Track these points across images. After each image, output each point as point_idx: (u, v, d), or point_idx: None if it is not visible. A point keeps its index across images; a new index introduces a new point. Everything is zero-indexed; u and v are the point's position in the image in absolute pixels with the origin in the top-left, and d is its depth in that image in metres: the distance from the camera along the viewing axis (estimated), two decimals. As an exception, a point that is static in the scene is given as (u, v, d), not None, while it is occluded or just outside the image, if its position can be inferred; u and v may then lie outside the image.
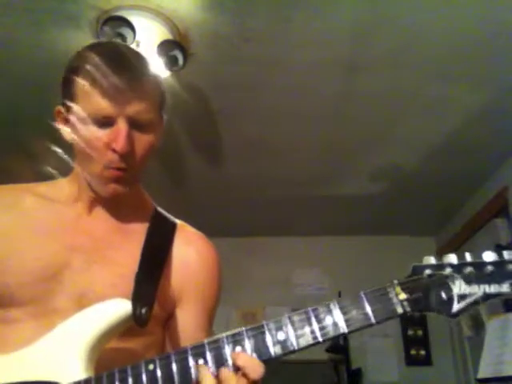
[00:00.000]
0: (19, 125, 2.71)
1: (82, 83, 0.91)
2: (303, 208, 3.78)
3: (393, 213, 3.87)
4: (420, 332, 4.07)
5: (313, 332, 0.73)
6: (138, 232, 0.99)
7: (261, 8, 2.04)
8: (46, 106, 2.79)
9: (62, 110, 0.97)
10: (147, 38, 2.10)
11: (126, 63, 0.93)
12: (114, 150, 0.90)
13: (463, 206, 3.71)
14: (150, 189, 1.11)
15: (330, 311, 0.74)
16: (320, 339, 0.73)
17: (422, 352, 4.01)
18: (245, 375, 0.73)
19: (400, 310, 0.72)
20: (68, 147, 0.99)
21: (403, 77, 2.43)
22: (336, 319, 0.73)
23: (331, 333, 0.73)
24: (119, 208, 1.00)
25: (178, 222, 1.06)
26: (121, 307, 0.86)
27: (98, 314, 0.85)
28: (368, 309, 0.73)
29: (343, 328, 0.73)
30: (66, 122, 0.96)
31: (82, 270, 0.92)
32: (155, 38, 2.11)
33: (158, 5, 2.03)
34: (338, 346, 3.86)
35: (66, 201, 1.00)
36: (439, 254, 0.75)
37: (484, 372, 2.22)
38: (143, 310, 0.87)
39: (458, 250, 3.88)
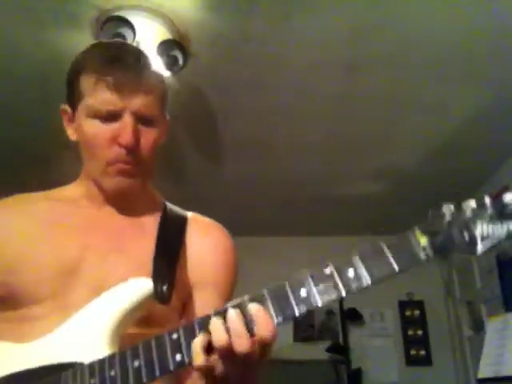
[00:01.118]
0: (19, 125, 2.71)
1: (86, 79, 0.92)
2: (303, 208, 3.78)
3: (393, 213, 3.86)
4: (420, 332, 4.07)
5: (335, 286, 0.71)
6: (149, 226, 1.00)
7: (261, 8, 2.04)
8: (46, 106, 2.80)
9: (67, 108, 0.98)
10: (147, 38, 2.10)
11: (129, 59, 0.94)
12: (120, 144, 0.91)
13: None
14: (150, 188, 1.11)
15: (351, 264, 0.72)
16: (343, 293, 0.71)
17: (422, 352, 4.01)
18: (256, 330, 0.69)
19: (423, 256, 0.70)
20: (67, 146, 1.00)
21: (403, 77, 2.43)
22: (358, 271, 0.71)
23: (354, 285, 0.71)
24: (130, 204, 1.01)
25: (189, 213, 1.07)
26: (141, 284, 0.85)
27: (119, 294, 0.85)
28: (390, 258, 0.70)
29: (366, 279, 0.70)
30: (71, 120, 0.98)
31: (98, 263, 0.93)
32: (155, 37, 2.11)
33: (158, 5, 2.03)
34: (338, 346, 3.86)
35: (79, 200, 1.01)
36: (439, 254, 0.75)
37: (484, 372, 2.22)
38: (164, 287, 0.87)
39: (458, 249, 3.88)
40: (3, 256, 0.93)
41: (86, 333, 0.84)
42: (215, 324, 0.69)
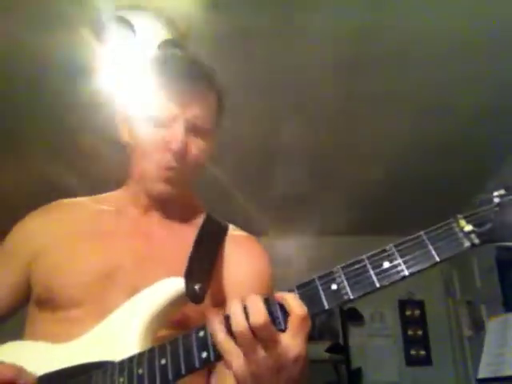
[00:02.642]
0: (19, 125, 2.71)
1: (145, 82, 0.96)
2: (303, 208, 3.78)
3: (393, 213, 3.86)
4: (420, 332, 4.07)
5: (369, 278, 0.68)
6: (189, 235, 1.01)
7: (261, 8, 2.04)
8: (46, 107, 2.80)
9: (121, 109, 1.01)
10: (147, 38, 2.10)
11: (191, 67, 0.99)
12: (169, 150, 0.93)
13: (463, 206, 3.70)
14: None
15: (387, 255, 0.69)
16: (377, 285, 0.68)
17: (422, 352, 4.01)
18: (289, 312, 0.68)
19: (467, 243, 0.66)
20: (66, 148, 1.00)
21: (403, 76, 2.43)
22: (394, 262, 0.68)
23: (390, 277, 0.68)
24: (172, 211, 1.03)
25: (230, 225, 1.08)
26: (173, 284, 0.86)
27: (151, 294, 0.86)
28: (430, 246, 0.67)
29: (403, 271, 0.67)
30: (124, 121, 1.01)
31: (135, 269, 0.94)
32: (155, 38, 2.11)
33: (158, 5, 2.03)
34: (338, 345, 3.86)
35: (123, 206, 1.04)
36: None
37: (484, 372, 2.22)
38: (196, 286, 0.86)
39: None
40: (46, 261, 0.96)
41: (120, 333, 0.85)
42: (235, 307, 0.69)
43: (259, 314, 0.67)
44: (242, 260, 1.02)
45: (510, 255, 3.07)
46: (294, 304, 0.69)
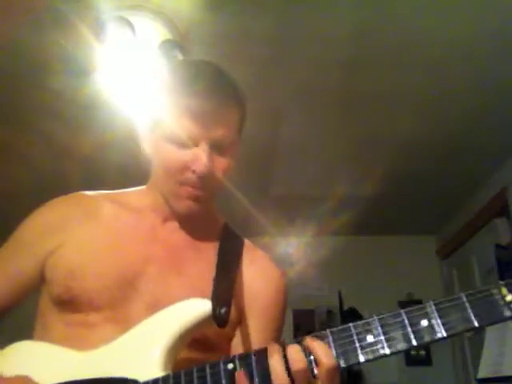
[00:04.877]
0: (19, 125, 2.71)
1: (169, 99, 0.92)
2: (303, 208, 3.78)
3: (393, 213, 3.87)
4: (420, 332, 4.07)
5: (405, 335, 0.67)
6: (208, 248, 1.00)
7: (261, 8, 2.04)
8: (45, 108, 2.79)
9: (144, 121, 0.98)
10: (147, 38, 2.10)
11: (216, 85, 0.94)
12: (194, 172, 0.91)
13: (463, 206, 3.72)
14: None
15: (425, 313, 0.68)
16: (414, 343, 0.67)
17: (422, 352, 4.01)
18: (317, 362, 0.69)
19: (508, 313, 0.65)
20: (65, 149, 1.00)
21: (403, 76, 2.43)
22: (433, 322, 0.67)
23: (427, 337, 0.67)
24: (192, 223, 1.01)
25: (245, 240, 1.08)
26: (201, 305, 0.85)
27: (177, 313, 0.85)
28: (469, 311, 0.66)
29: (441, 332, 0.67)
30: (147, 134, 0.98)
31: (157, 279, 0.93)
32: (155, 38, 2.11)
33: (159, 5, 2.03)
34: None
35: (143, 210, 1.02)
36: (439, 254, 0.73)
37: (484, 372, 2.22)
38: (222, 310, 0.86)
39: (458, 249, 3.88)
40: (66, 259, 0.93)
41: (142, 349, 0.83)
42: (276, 362, 0.69)
43: (299, 361, 0.69)
44: (259, 281, 1.01)
45: (510, 255, 3.07)
46: (323, 354, 0.69)
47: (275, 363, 0.69)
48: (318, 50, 2.27)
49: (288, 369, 0.68)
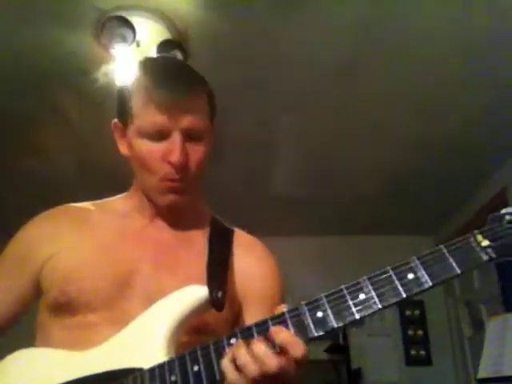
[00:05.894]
0: (18, 125, 2.71)
1: (136, 100, 0.95)
2: (303, 208, 3.77)
3: (392, 212, 3.86)
4: (420, 332, 4.07)
5: (395, 289, 0.71)
6: (198, 240, 1.02)
7: (261, 8, 2.04)
8: (45, 108, 2.80)
9: (119, 123, 1.01)
10: (147, 38, 2.10)
11: (178, 76, 0.97)
12: (169, 163, 0.93)
13: (463, 206, 3.71)
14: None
15: (411, 268, 0.72)
16: (403, 295, 0.71)
17: (422, 352, 4.01)
18: (285, 352, 0.70)
19: (485, 257, 0.70)
20: (60, 150, 1.00)
21: (403, 76, 2.43)
22: (418, 274, 0.71)
23: (415, 288, 0.71)
24: (179, 217, 1.03)
25: (235, 228, 1.09)
26: (197, 291, 0.88)
27: (175, 300, 0.87)
28: (451, 260, 0.71)
29: (427, 282, 0.70)
30: (123, 135, 1.00)
31: (151, 276, 0.95)
32: (155, 37, 2.11)
33: (158, 5, 2.03)
34: (337, 345, 3.86)
35: (130, 213, 1.04)
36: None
37: (484, 372, 2.22)
38: (219, 294, 0.89)
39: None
40: (61, 265, 0.95)
41: (144, 339, 0.85)
42: (241, 354, 0.71)
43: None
44: (252, 264, 1.04)
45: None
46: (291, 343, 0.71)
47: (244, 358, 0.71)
48: (317, 50, 2.27)
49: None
